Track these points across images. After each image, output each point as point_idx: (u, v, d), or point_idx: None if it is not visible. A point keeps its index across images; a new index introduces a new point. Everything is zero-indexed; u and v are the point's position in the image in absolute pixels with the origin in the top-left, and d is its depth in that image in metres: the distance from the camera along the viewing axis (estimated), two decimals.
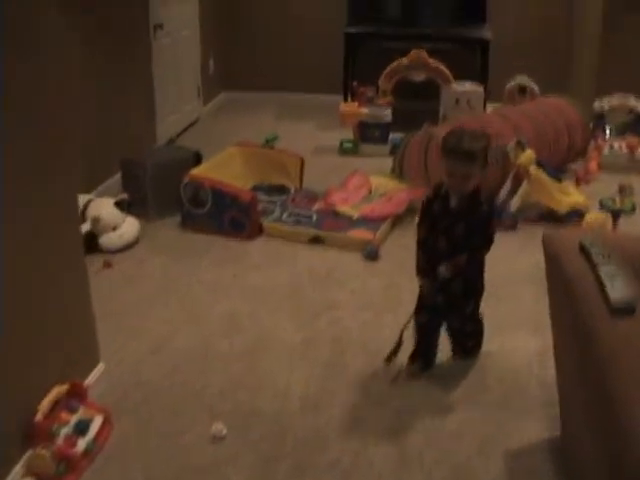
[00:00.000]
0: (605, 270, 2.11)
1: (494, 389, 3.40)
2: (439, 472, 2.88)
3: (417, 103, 6.95)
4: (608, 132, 6.48)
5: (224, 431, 3.04)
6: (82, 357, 3.35)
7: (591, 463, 2.15)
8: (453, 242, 3.15)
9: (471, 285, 3.35)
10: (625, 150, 6.37)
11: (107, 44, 5.55)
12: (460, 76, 6.83)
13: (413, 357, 3.49)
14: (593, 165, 6.25)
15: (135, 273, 4.47)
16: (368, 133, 6.55)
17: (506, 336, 3.81)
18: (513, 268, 4.52)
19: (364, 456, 2.96)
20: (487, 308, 3.84)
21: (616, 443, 1.82)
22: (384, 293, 4.24)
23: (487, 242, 3.22)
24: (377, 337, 3.76)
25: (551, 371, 2.97)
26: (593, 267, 2.17)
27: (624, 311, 1.96)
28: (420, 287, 3.35)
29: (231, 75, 8.50)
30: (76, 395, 3.07)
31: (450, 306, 3.36)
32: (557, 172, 5.39)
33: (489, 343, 3.69)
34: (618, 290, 2.01)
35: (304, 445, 3.01)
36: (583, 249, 2.31)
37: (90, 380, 3.36)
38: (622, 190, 5.76)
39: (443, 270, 3.14)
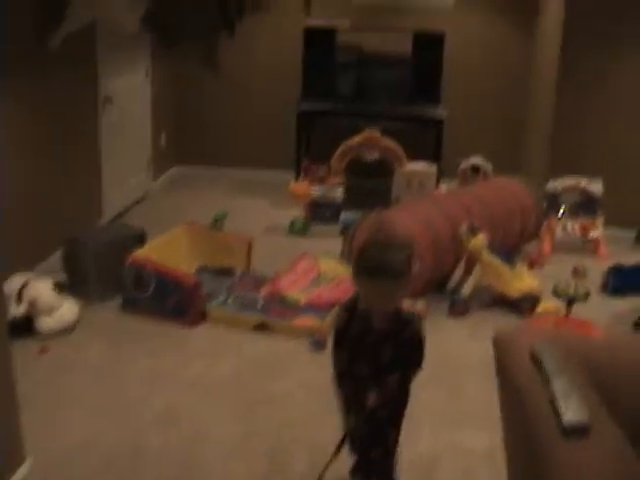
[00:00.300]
0: (558, 385, 1.97)
1: None
2: None
3: (370, 182, 6.87)
4: (561, 213, 6.44)
5: None
6: (6, 456, 3.13)
7: None
8: (379, 367, 2.76)
9: (398, 410, 2.93)
10: (578, 231, 6.34)
11: (53, 115, 5.42)
12: (414, 155, 6.77)
13: None
14: (546, 247, 6.22)
15: (71, 359, 4.27)
16: (319, 213, 6.45)
17: (454, 432, 3.66)
18: (463, 357, 4.41)
19: None
20: (435, 401, 3.72)
21: None
22: (330, 386, 4.06)
23: (420, 361, 2.79)
24: (322, 434, 3.56)
25: (502, 471, 2.80)
26: (545, 381, 2.03)
27: (577, 433, 1.81)
28: (345, 425, 2.92)
29: (183, 149, 8.38)
30: None
31: (374, 437, 2.94)
32: (510, 255, 5.32)
33: (438, 439, 3.54)
34: (571, 409, 1.86)
35: None
36: (534, 358, 2.17)
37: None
38: (576, 273, 5.73)
39: (372, 399, 2.74)
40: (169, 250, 5.14)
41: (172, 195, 7.66)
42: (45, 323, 4.49)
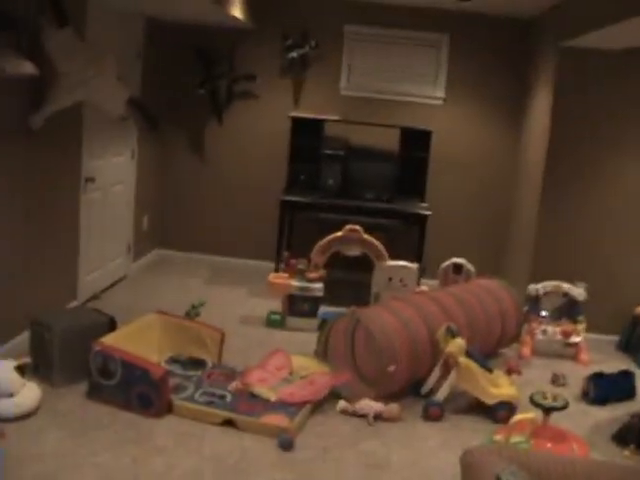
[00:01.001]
0: None
1: None
2: None
3: (350, 276, 6.80)
4: (543, 315, 6.37)
5: None
6: None
7: None
8: None
9: None
10: (559, 336, 6.27)
11: (33, 191, 5.36)
12: (396, 252, 6.72)
13: None
14: (526, 351, 6.18)
15: (26, 449, 4.07)
16: (297, 306, 6.37)
17: None
18: (435, 466, 4.25)
19: None
20: None
21: None
22: None
23: None
24: None
25: None
26: None
27: None
28: None
29: (164, 233, 8.36)
30: None
31: None
32: (487, 360, 5.21)
33: None
34: None
35: None
36: None
37: None
38: (555, 380, 5.70)
39: None
40: (139, 338, 5.02)
41: (150, 278, 7.57)
42: (4, 407, 4.33)
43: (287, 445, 4.28)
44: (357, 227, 6.58)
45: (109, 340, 4.78)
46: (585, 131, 6.55)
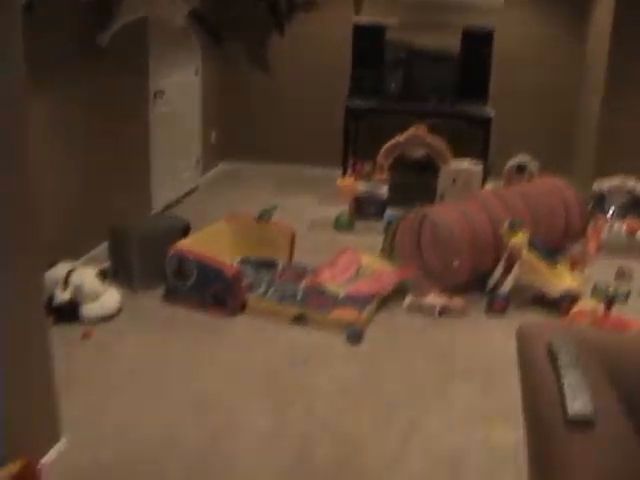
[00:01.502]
0: (568, 379, 1.99)
1: None
2: None
3: (415, 179, 6.89)
4: (610, 213, 6.39)
5: None
6: (42, 433, 3.25)
7: None
8: None
9: None
10: (625, 232, 6.28)
11: (105, 108, 5.56)
12: (461, 153, 6.78)
13: None
14: (592, 246, 6.17)
15: (112, 346, 4.36)
16: (364, 209, 6.53)
17: (488, 426, 3.67)
18: (498, 354, 4.40)
19: None
20: (467, 396, 3.74)
21: None
22: (364, 381, 4.09)
23: None
24: (352, 430, 3.62)
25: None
26: (558, 375, 2.05)
27: (580, 425, 1.84)
28: None
29: (232, 145, 8.51)
30: (28, 477, 2.93)
31: None
32: (553, 254, 5.28)
33: (468, 434, 3.57)
34: (577, 402, 1.89)
35: None
36: (550, 351, 2.19)
37: (49, 457, 3.24)
38: (620, 275, 5.66)
39: None
40: (212, 242, 5.21)
41: (220, 190, 7.77)
42: (89, 309, 4.60)
43: (356, 337, 4.47)
44: (422, 129, 6.64)
45: (184, 244, 4.99)
46: None
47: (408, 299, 4.98)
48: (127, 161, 6.04)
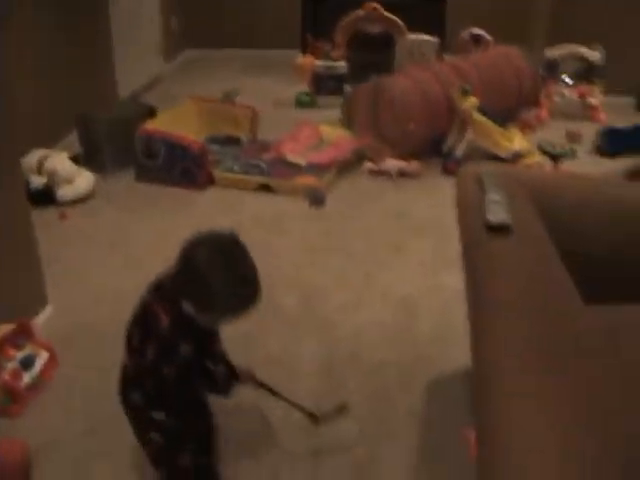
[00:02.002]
0: (490, 196, 2.28)
1: (423, 323, 3.58)
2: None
3: (373, 55, 7.04)
4: (565, 80, 6.61)
5: None
6: (30, 299, 3.51)
7: None
8: None
9: None
10: (577, 98, 6.52)
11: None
12: (417, 29, 6.92)
13: None
14: (544, 112, 6.42)
15: (88, 225, 4.59)
16: (323, 86, 6.73)
17: (439, 274, 3.99)
18: (453, 213, 4.68)
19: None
20: (424, 249, 4.03)
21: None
22: (327, 239, 4.40)
23: None
24: (316, 282, 3.94)
25: None
26: (482, 194, 2.33)
27: (498, 230, 2.13)
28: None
29: (193, 32, 8.59)
30: (23, 333, 3.21)
31: None
32: (504, 118, 5.53)
33: (424, 280, 3.89)
34: (496, 212, 2.18)
35: None
36: (479, 179, 2.47)
37: (38, 320, 3.51)
38: (570, 137, 5.92)
39: None
40: (178, 122, 5.40)
41: (184, 77, 7.92)
42: (64, 192, 4.81)
43: (318, 201, 4.76)
44: (377, 5, 6.79)
45: (150, 125, 5.20)
46: None
47: (368, 164, 5.25)
48: (90, 50, 6.15)
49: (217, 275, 2.06)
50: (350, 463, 2.71)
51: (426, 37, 6.78)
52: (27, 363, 3.10)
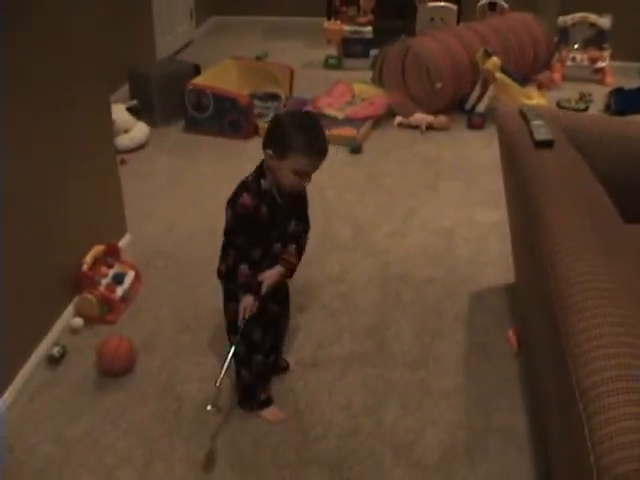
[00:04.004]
0: (534, 123, 2.75)
1: (461, 249, 4.06)
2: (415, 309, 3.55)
3: (395, 22, 7.45)
4: (575, 45, 7.03)
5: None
6: (114, 226, 3.97)
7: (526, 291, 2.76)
8: (284, 241, 2.65)
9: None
10: (587, 62, 6.97)
11: None
12: None
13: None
14: (557, 76, 6.87)
15: (146, 169, 5.05)
16: (350, 49, 7.17)
17: (472, 210, 4.47)
18: (478, 159, 5.17)
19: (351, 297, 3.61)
20: (455, 189, 4.48)
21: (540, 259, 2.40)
22: (367, 180, 4.89)
23: (308, 228, 2.76)
24: (361, 215, 4.43)
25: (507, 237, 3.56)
26: (527, 122, 2.80)
27: (545, 145, 2.60)
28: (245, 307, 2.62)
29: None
30: (112, 254, 3.68)
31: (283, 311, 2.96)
32: (522, 80, 5.98)
33: (458, 215, 4.37)
34: (541, 132, 2.65)
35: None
36: (521, 112, 2.94)
37: (122, 243, 3.97)
38: (582, 97, 6.38)
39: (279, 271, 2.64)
40: (221, 79, 5.84)
41: (214, 41, 8.34)
42: (121, 141, 5.23)
43: (356, 149, 5.24)
44: None
45: (199, 80, 5.64)
46: None
47: (398, 118, 5.72)
48: (136, 12, 6.60)
49: (294, 122, 2.44)
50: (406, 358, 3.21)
51: (446, 4, 7.21)
52: (118, 279, 3.57)
